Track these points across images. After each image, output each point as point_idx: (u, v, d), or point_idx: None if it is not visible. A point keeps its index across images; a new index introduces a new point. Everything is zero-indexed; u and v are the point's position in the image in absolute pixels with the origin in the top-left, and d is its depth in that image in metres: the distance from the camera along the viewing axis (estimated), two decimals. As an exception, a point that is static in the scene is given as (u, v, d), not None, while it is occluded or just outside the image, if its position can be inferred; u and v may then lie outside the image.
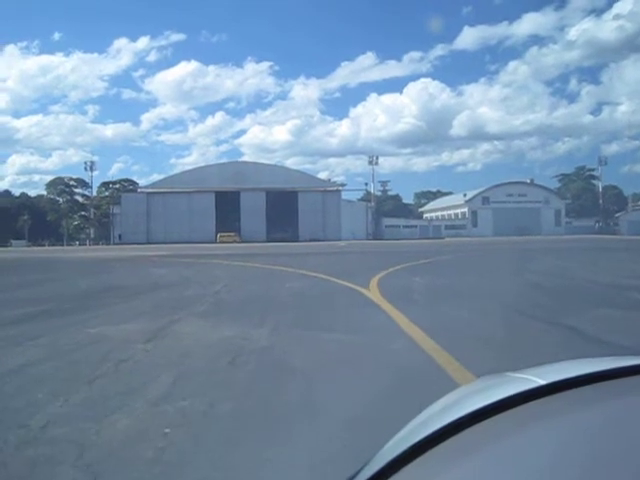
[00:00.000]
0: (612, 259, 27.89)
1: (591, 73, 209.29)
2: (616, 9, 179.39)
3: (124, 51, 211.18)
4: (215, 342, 7.36)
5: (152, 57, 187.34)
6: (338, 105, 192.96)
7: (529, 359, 4.41)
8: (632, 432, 0.83)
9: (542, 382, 1.00)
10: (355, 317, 9.48)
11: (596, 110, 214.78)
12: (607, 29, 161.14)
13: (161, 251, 45.36)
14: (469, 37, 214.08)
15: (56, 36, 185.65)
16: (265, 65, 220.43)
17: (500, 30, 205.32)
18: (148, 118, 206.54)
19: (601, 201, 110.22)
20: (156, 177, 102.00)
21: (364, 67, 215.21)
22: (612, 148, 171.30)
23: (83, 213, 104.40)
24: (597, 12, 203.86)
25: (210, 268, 24.83)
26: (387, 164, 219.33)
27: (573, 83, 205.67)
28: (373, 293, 12.68)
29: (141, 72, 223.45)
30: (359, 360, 6.17)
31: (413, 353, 6.36)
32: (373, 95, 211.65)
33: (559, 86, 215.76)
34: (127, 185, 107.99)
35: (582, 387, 0.98)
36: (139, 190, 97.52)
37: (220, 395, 4.84)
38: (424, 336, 7.25)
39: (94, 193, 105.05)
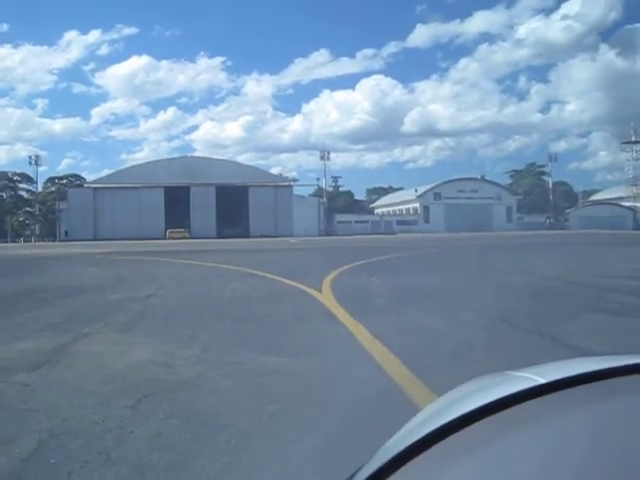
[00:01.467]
0: (573, 254, 27.33)
1: (540, 72, 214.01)
2: (564, 9, 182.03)
3: (74, 44, 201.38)
4: (122, 371, 5.64)
5: (103, 51, 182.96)
6: (291, 101, 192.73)
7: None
8: (631, 431, 0.81)
9: (541, 381, 0.97)
10: (306, 332, 7.83)
11: (545, 108, 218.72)
12: (555, 29, 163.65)
13: (106, 248, 43.08)
14: (422, 34, 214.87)
15: (4, 27, 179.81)
16: (218, 60, 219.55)
17: (452, 28, 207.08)
18: (98, 113, 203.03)
19: (551, 197, 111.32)
20: (107, 173, 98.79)
21: (318, 64, 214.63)
22: (561, 146, 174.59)
23: (28, 209, 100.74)
24: (546, 12, 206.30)
25: (151, 267, 22.96)
26: (339, 160, 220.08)
27: (523, 81, 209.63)
28: (326, 297, 11.12)
29: (92, 66, 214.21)
30: (311, 407, 4.46)
31: (383, 390, 4.75)
32: (326, 91, 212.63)
33: (509, 84, 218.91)
34: (74, 180, 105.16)
35: (581, 386, 0.96)
36: (86, 185, 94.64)
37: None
38: (393, 359, 5.70)
39: (40, 188, 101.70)
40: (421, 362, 5.53)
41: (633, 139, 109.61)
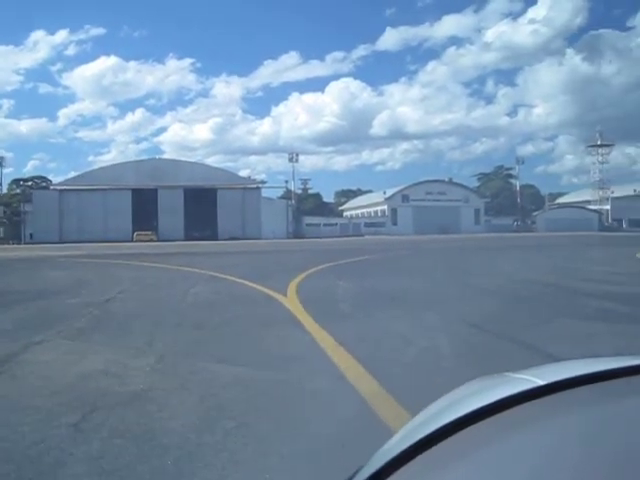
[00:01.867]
0: (541, 256, 27.62)
1: (507, 75, 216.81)
2: (531, 14, 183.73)
3: (41, 44, 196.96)
4: (71, 382, 5.31)
5: (71, 51, 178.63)
6: (260, 104, 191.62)
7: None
8: (630, 433, 0.81)
9: (541, 382, 0.97)
10: (268, 339, 7.51)
11: (512, 112, 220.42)
12: (522, 33, 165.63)
13: (71, 250, 42.20)
14: (391, 38, 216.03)
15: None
16: (187, 62, 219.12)
17: (421, 31, 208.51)
18: (66, 114, 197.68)
19: (519, 200, 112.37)
20: (73, 175, 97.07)
21: (287, 66, 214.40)
22: (528, 149, 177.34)
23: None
24: (513, 16, 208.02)
25: (114, 270, 22.43)
26: (308, 162, 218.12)
27: (490, 85, 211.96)
28: (291, 301, 10.87)
29: (59, 66, 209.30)
30: (267, 423, 4.17)
31: (345, 403, 4.49)
32: (295, 94, 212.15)
33: (477, 87, 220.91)
34: (40, 182, 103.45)
35: (580, 387, 0.95)
36: (52, 187, 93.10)
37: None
38: (357, 368, 5.46)
39: (4, 190, 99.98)
40: (387, 371, 5.29)
41: (599, 143, 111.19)
